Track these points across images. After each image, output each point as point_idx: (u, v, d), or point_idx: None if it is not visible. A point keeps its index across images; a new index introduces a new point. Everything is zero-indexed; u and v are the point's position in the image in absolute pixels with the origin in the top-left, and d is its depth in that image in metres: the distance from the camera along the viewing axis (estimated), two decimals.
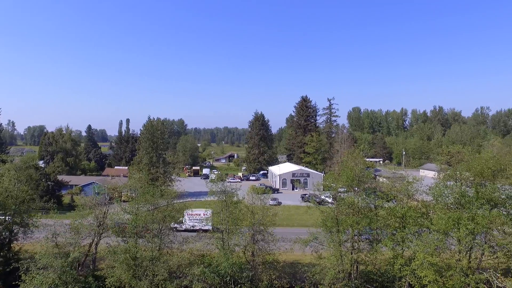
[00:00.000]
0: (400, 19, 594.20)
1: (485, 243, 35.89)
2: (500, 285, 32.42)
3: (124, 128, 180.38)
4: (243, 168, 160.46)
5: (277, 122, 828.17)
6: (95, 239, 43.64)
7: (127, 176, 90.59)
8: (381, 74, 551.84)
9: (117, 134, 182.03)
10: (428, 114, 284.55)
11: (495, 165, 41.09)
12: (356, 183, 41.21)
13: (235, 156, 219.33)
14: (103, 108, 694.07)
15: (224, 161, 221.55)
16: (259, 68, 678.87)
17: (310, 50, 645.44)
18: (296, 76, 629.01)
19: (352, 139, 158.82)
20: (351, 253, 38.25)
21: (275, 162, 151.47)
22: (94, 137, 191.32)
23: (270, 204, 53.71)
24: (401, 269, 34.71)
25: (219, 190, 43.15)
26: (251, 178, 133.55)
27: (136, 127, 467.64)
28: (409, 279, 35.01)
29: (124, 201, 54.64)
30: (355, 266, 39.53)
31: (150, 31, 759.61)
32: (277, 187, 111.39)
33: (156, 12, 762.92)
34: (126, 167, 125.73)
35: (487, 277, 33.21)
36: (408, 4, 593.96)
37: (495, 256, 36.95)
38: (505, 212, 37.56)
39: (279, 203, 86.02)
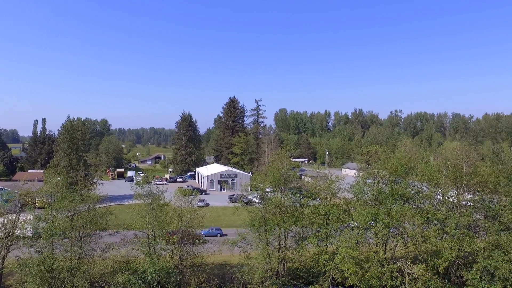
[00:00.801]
0: (320, 26, 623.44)
1: (398, 235, 38.98)
2: (410, 271, 35.41)
3: (39, 128, 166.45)
4: (170, 169, 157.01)
5: (205, 123, 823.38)
6: (2, 252, 39.57)
7: (42, 181, 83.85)
8: (307, 77, 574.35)
9: (31, 134, 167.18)
10: (349, 116, 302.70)
11: (407, 163, 44.76)
12: (282, 183, 42.35)
13: (162, 158, 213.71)
14: (14, 106, 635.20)
15: (150, 162, 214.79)
16: (186, 68, 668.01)
17: (238, 51, 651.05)
18: (224, 76, 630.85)
19: (278, 139, 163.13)
20: (278, 252, 39.21)
21: (202, 163, 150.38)
22: (2, 137, 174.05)
23: (197, 206, 53.11)
24: (325, 264, 36.37)
25: (145, 193, 41.70)
26: (178, 179, 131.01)
27: (54, 128, 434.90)
28: (332, 273, 36.78)
29: (39, 208, 50.34)
30: (282, 264, 40.57)
31: (69, 25, 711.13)
32: (205, 188, 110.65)
33: (76, 6, 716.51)
34: (42, 171, 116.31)
35: (399, 266, 36.11)
36: (334, 12, 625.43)
37: (406, 246, 40.22)
38: (414, 206, 41.18)
39: (207, 205, 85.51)
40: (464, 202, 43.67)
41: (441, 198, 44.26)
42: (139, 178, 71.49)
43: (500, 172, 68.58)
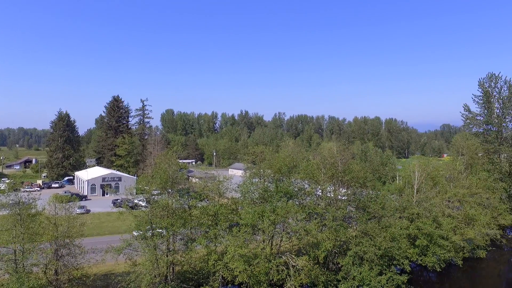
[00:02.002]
0: (204, 27, 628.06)
1: (283, 230, 41.14)
2: (294, 264, 37.66)
3: None
4: (44, 174, 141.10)
5: (85, 123, 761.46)
6: None
7: None
8: (194, 78, 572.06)
9: None
10: (236, 118, 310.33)
11: (290, 162, 47.55)
12: (170, 185, 41.24)
13: (34, 161, 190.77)
14: None
15: (18, 167, 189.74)
16: (60, 63, 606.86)
17: (121, 48, 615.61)
18: (106, 74, 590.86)
19: (165, 140, 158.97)
20: (167, 256, 38.01)
21: (82, 166, 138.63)
22: None
23: (77, 213, 48.60)
24: (215, 264, 36.44)
25: (11, 202, 36.54)
26: (53, 185, 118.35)
27: None
28: (222, 272, 37.02)
29: None
30: (171, 268, 39.42)
31: None
32: (85, 193, 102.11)
33: None
34: None
35: (285, 259, 38.13)
36: (227, 14, 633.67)
37: (290, 240, 42.66)
38: (297, 202, 43.97)
39: (88, 211, 79.01)
40: (339, 197, 48.12)
41: (321, 194, 48.04)
42: (4, 186, 62.32)
43: (367, 168, 77.43)
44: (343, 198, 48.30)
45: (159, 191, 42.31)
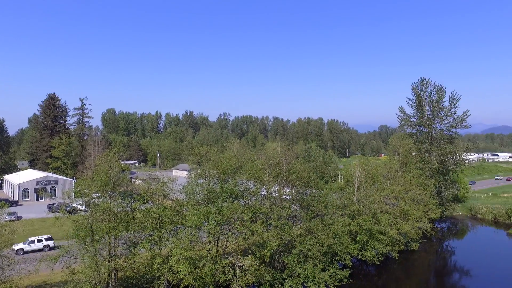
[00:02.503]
0: (147, 24, 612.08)
1: (229, 231, 41.10)
2: (240, 264, 37.76)
3: None
4: None
5: (16, 122, 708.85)
6: None
7: None
8: (137, 76, 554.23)
9: None
10: (181, 118, 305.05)
11: (235, 163, 47.61)
12: (111, 187, 39.59)
13: None
14: None
15: None
16: None
17: (59, 44, 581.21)
18: (41, 71, 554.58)
19: (106, 141, 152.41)
20: (108, 262, 36.44)
21: (13, 169, 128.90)
22: None
23: (6, 221, 45.04)
24: (160, 268, 35.52)
25: None
26: None
27: None
28: (167, 276, 36.18)
29: None
30: (113, 274, 37.85)
31: None
32: (16, 198, 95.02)
33: None
34: None
35: (231, 260, 38.09)
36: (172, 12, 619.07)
37: (236, 241, 42.72)
38: (243, 203, 44.15)
39: (19, 218, 73.62)
40: (284, 196, 48.99)
41: (266, 193, 48.59)
42: None
43: (311, 168, 79.50)
44: (288, 197, 49.26)
45: (99, 194, 40.43)
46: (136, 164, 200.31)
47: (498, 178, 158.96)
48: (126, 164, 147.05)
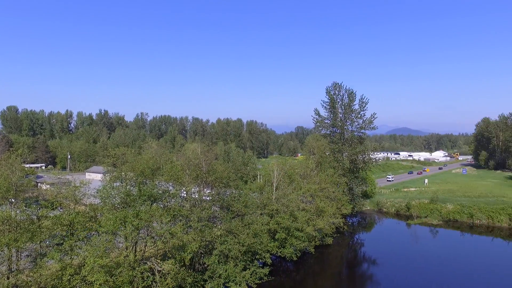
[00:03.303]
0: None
1: (148, 235, 39.64)
2: (160, 269, 36.66)
3: None
4: None
5: None
6: None
7: None
8: (44, 71, 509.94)
9: None
10: (94, 117, 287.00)
11: (154, 164, 46.15)
12: (13, 194, 35.92)
13: None
14: None
15: None
16: None
17: None
18: None
19: (7, 142, 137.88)
20: (8, 278, 32.95)
21: None
22: None
23: None
24: (71, 280, 33.02)
25: None
26: None
27: None
28: (80, 287, 33.79)
29: None
30: None
31: None
32: None
33: None
34: None
35: (150, 265, 36.81)
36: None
37: (155, 245, 41.39)
38: (162, 205, 42.91)
39: None
40: (204, 197, 48.67)
41: (185, 195, 47.84)
42: None
43: (230, 168, 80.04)
44: (208, 198, 49.05)
45: None
46: (44, 167, 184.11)
47: (390, 177, 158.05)
48: (31, 167, 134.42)
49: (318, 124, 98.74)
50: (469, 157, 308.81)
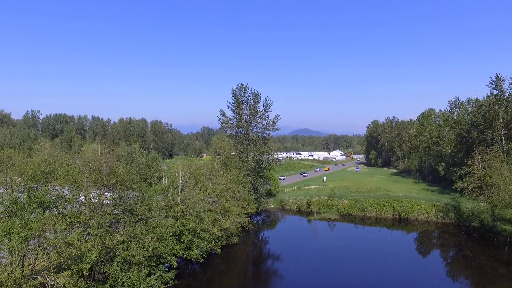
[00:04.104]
0: None
1: (38, 246, 36.02)
2: (53, 282, 33.62)
3: None
4: None
5: None
6: None
7: None
8: None
9: None
10: None
11: (47, 167, 42.15)
12: None
13: None
14: None
15: None
16: None
17: None
18: None
19: None
20: None
21: None
22: None
23: None
24: None
25: None
26: None
27: None
28: None
29: None
30: None
31: None
32: None
33: None
34: None
35: (41, 280, 33.51)
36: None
37: (48, 256, 37.82)
38: (56, 212, 39.35)
39: None
40: (105, 201, 45.90)
41: (84, 200, 44.58)
42: None
43: (134, 170, 76.82)
44: (109, 202, 46.40)
45: None
46: None
47: (305, 174, 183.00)
48: None
49: (223, 124, 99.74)
50: (362, 156, 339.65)
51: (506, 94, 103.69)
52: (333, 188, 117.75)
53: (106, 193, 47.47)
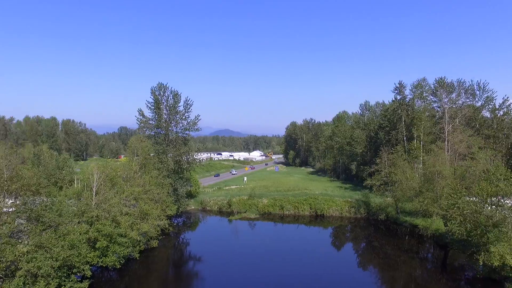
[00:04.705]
0: None
1: None
2: None
3: None
4: None
5: None
6: None
7: None
8: None
9: None
10: None
11: None
12: None
13: None
14: None
15: None
16: None
17: None
18: None
19: None
20: None
21: None
22: None
23: None
24: None
25: None
26: None
27: None
28: None
29: None
30: None
31: None
32: None
33: None
34: None
35: None
36: None
37: None
38: None
39: None
40: (6, 209, 41.38)
41: None
42: None
43: (41, 173, 70.64)
44: (11, 210, 41.94)
45: None
46: None
47: (233, 172, 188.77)
48: None
49: (142, 124, 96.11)
50: (281, 156, 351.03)
51: (407, 99, 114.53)
52: (254, 187, 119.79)
53: (7, 200, 42.86)
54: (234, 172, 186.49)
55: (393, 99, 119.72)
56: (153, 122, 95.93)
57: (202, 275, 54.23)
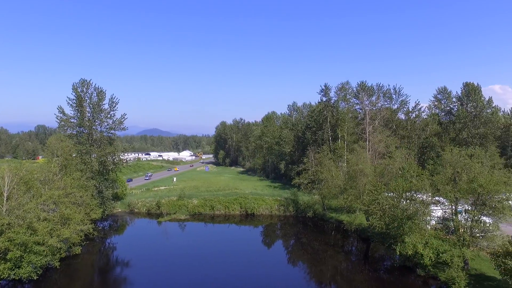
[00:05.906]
0: None
1: None
2: None
3: None
4: None
5: None
6: None
7: None
8: None
9: None
10: None
11: None
12: None
13: None
14: None
15: None
16: None
17: None
18: None
19: None
20: None
21: None
22: None
23: None
24: None
25: None
26: None
27: None
28: None
29: None
30: None
31: None
32: None
33: None
34: None
35: None
36: None
37: None
38: None
39: None
40: None
41: None
42: None
43: None
44: None
45: None
46: None
47: (149, 174, 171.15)
48: None
49: (63, 123, 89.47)
50: (211, 155, 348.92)
51: (332, 101, 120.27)
52: (183, 188, 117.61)
53: None
54: (148, 177, 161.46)
55: (319, 100, 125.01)
56: (75, 121, 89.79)
57: (131, 280, 51.91)
